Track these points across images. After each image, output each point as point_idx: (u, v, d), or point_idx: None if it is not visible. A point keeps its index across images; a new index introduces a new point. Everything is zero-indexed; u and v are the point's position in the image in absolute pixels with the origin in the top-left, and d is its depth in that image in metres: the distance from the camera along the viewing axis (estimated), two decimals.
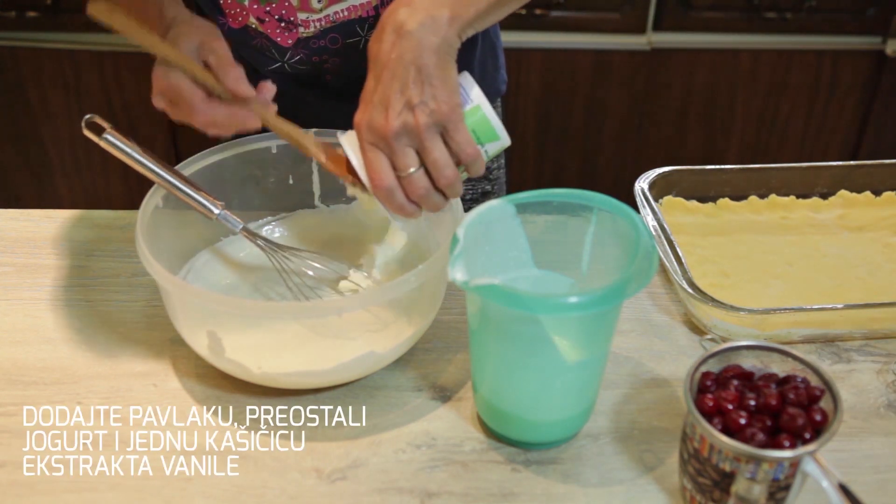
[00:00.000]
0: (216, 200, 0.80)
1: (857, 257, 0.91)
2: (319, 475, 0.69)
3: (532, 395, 0.69)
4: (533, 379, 0.68)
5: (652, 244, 0.67)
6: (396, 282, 0.70)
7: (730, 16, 1.84)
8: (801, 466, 0.59)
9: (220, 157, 0.85)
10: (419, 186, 0.70)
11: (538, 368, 0.67)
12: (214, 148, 0.85)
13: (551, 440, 0.71)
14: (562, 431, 0.71)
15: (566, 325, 0.68)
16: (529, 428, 0.70)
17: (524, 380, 0.68)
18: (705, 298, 0.79)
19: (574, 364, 0.67)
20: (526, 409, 0.69)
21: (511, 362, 0.68)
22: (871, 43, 1.87)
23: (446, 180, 0.70)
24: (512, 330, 0.66)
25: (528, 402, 0.69)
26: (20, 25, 1.79)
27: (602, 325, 0.67)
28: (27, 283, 0.87)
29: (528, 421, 0.70)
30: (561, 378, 0.68)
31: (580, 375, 0.69)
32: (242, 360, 0.72)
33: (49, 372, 0.77)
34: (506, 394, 0.70)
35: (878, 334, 0.82)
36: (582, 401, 0.71)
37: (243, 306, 0.74)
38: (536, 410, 0.70)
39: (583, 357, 0.68)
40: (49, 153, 1.94)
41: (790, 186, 0.99)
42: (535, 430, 0.71)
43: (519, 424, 0.70)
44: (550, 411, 0.70)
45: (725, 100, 1.93)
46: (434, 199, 0.71)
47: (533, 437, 0.71)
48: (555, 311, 0.63)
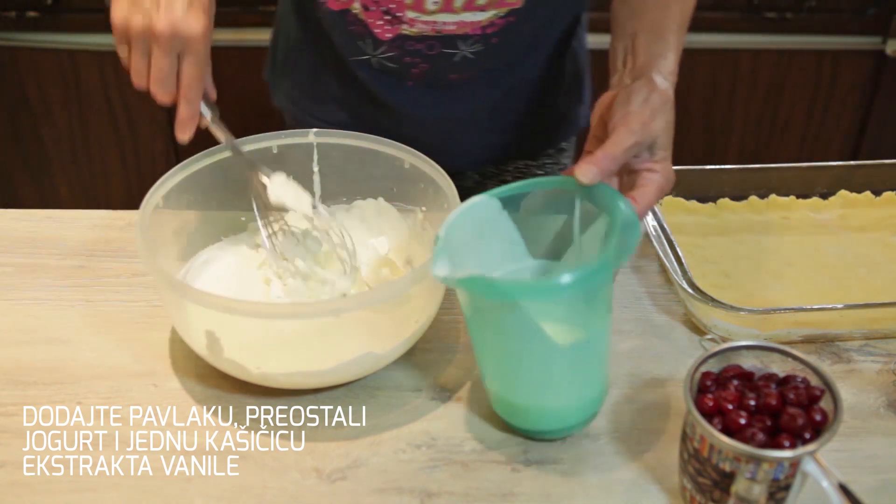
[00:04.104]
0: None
1: (857, 257, 0.91)
2: (319, 475, 0.69)
3: (535, 382, 0.68)
4: (531, 366, 0.68)
5: (633, 216, 0.66)
6: (397, 281, 0.70)
7: (730, 16, 1.84)
8: (801, 466, 0.59)
9: (220, 157, 0.84)
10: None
11: (533, 355, 0.67)
12: (214, 148, 0.85)
13: (565, 426, 0.71)
14: (575, 416, 0.71)
15: (551, 309, 0.67)
16: (541, 416, 0.70)
17: (523, 368, 0.68)
18: (705, 298, 0.79)
19: (569, 347, 0.67)
20: (533, 396, 0.69)
21: (507, 352, 0.68)
22: (871, 43, 1.87)
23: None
24: (500, 319, 0.66)
25: (532, 389, 0.69)
26: (20, 25, 1.79)
27: (592, 304, 0.67)
28: (27, 283, 0.87)
29: (538, 408, 0.69)
30: (558, 362, 0.67)
31: (580, 357, 0.68)
32: (241, 359, 0.72)
33: (49, 372, 0.77)
34: (511, 384, 0.70)
35: (878, 334, 0.82)
36: (590, 383, 0.70)
37: (242, 306, 0.74)
38: (543, 397, 0.69)
39: (578, 338, 0.67)
40: (49, 153, 1.94)
41: (790, 186, 0.99)
42: (547, 417, 0.70)
43: (530, 413, 0.70)
44: (558, 397, 0.69)
45: (725, 100, 1.93)
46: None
47: (547, 424, 0.70)
48: (533, 295, 0.63)
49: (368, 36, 0.91)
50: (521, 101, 1.03)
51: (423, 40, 0.90)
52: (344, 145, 0.87)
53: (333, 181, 0.91)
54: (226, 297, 0.76)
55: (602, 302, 0.68)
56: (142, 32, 0.72)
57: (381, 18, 0.88)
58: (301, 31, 1.02)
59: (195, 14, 0.72)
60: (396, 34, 0.89)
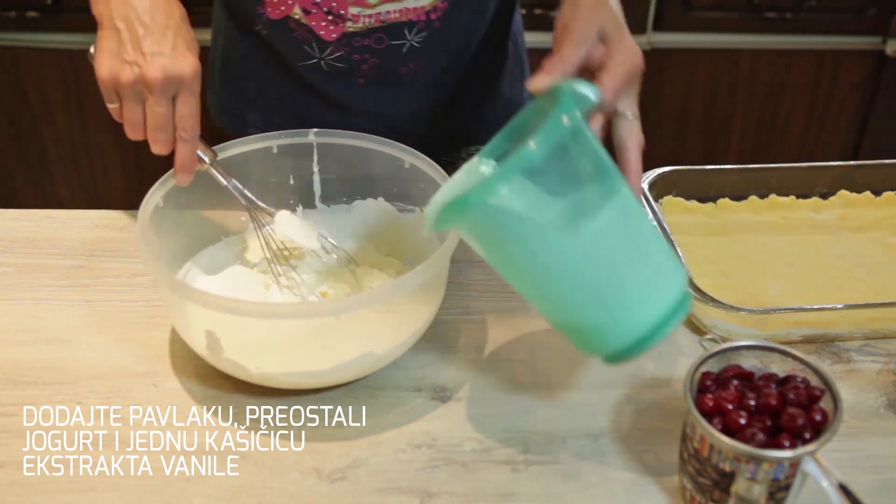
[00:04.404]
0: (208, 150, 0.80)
1: (857, 257, 0.91)
2: (319, 475, 0.69)
3: (576, 293, 0.63)
4: (560, 274, 0.63)
5: (585, 83, 0.65)
6: (397, 281, 0.70)
7: (730, 16, 1.84)
8: (801, 466, 0.59)
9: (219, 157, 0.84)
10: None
11: (554, 258, 0.62)
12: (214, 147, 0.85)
13: (644, 333, 0.64)
14: (646, 319, 0.64)
15: (530, 194, 0.61)
16: (610, 329, 0.64)
17: (554, 279, 0.63)
18: (705, 298, 0.79)
19: (584, 234, 0.61)
20: (586, 309, 0.64)
21: (530, 270, 0.64)
22: (871, 43, 1.87)
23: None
24: (499, 237, 0.63)
25: (580, 301, 0.64)
26: (20, 25, 1.79)
27: (576, 175, 0.62)
28: (27, 283, 0.87)
29: (602, 321, 0.64)
30: (585, 258, 0.62)
31: (606, 245, 0.63)
32: (241, 359, 0.72)
33: (49, 372, 0.77)
34: (561, 305, 0.65)
35: (878, 334, 0.82)
36: (643, 274, 0.64)
37: (242, 306, 0.74)
38: (598, 305, 0.64)
39: (588, 223, 0.61)
40: (49, 153, 1.94)
41: (790, 186, 0.99)
42: (616, 328, 0.64)
43: (598, 331, 0.65)
44: (614, 300, 0.63)
45: (725, 100, 1.93)
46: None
47: (622, 337, 0.64)
48: (491, 184, 0.59)
49: (314, 39, 0.91)
50: (469, 91, 1.04)
51: (369, 34, 0.90)
52: (344, 145, 0.87)
53: (333, 181, 0.91)
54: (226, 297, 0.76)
55: (593, 169, 0.63)
56: (133, 84, 0.72)
57: (325, 19, 0.88)
58: (241, 44, 1.01)
59: (183, 54, 0.72)
60: (341, 33, 0.90)
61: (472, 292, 0.87)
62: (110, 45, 0.73)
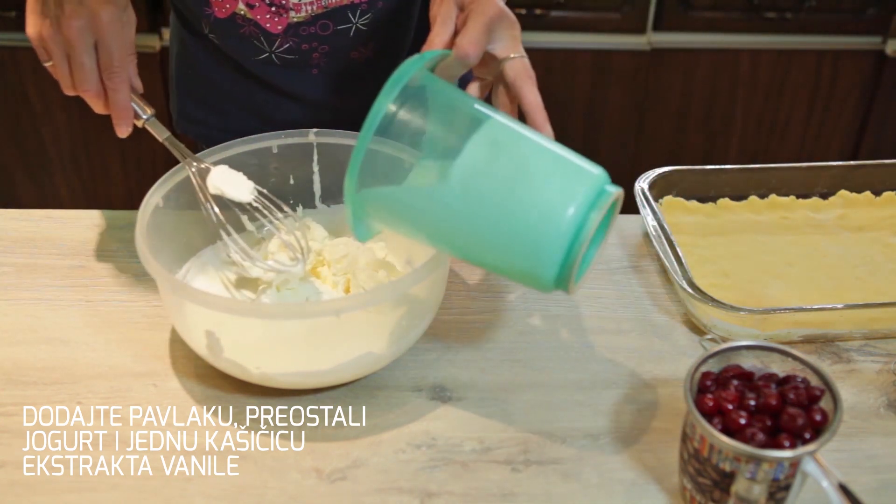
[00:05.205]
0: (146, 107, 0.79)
1: (857, 257, 0.91)
2: (319, 475, 0.69)
3: (484, 234, 0.63)
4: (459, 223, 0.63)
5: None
6: (397, 281, 0.70)
7: (730, 16, 1.84)
8: (801, 466, 0.59)
9: (220, 157, 0.84)
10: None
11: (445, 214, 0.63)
12: (215, 148, 0.85)
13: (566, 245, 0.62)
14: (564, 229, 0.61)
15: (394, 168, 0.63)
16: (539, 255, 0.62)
17: (458, 232, 0.64)
18: (705, 298, 0.79)
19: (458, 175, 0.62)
20: (502, 246, 0.63)
21: (433, 230, 0.65)
22: (871, 43, 1.87)
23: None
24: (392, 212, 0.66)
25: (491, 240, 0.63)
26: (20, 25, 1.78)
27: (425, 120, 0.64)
28: (27, 283, 0.87)
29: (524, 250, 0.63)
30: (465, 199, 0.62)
31: (479, 178, 0.62)
32: (241, 359, 0.72)
33: (49, 372, 0.77)
34: (481, 253, 0.65)
35: (878, 334, 0.82)
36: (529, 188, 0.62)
37: (242, 306, 0.74)
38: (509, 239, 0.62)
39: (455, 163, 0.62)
40: (49, 153, 1.94)
41: (790, 186, 0.99)
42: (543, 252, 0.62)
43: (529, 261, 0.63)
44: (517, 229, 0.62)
45: (725, 100, 1.93)
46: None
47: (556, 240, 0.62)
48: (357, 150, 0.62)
49: (261, 33, 0.92)
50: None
51: (314, 22, 0.91)
52: (344, 145, 0.87)
53: (333, 181, 0.91)
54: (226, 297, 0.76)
55: (444, 115, 0.65)
56: (54, 37, 0.73)
57: (268, 12, 0.89)
58: (194, 49, 1.01)
59: (98, 2, 0.73)
60: (287, 24, 0.90)
61: (472, 292, 0.87)
62: (34, 4, 0.75)
